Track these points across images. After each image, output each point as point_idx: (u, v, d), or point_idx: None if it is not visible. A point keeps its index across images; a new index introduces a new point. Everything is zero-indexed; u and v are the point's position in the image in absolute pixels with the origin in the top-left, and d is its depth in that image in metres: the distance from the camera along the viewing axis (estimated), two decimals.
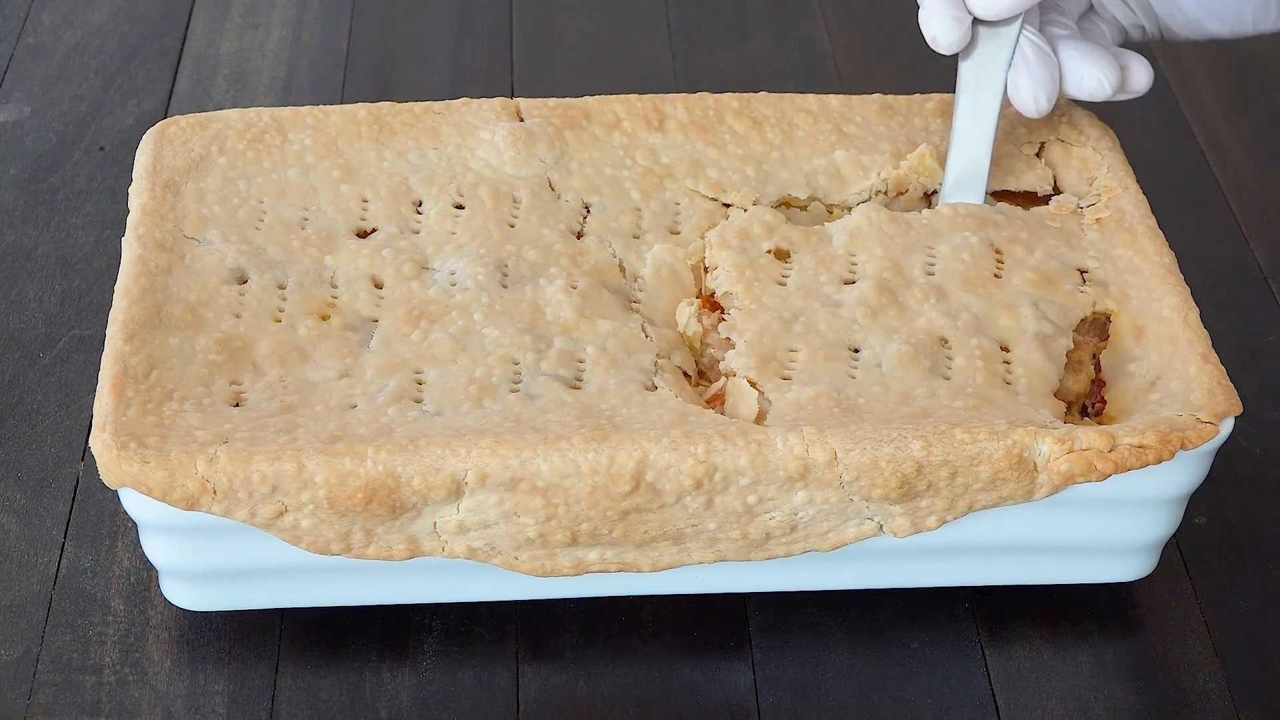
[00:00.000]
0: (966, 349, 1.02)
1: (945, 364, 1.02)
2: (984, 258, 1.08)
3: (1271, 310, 1.26)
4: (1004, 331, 1.04)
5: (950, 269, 1.07)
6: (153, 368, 1.00)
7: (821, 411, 0.98)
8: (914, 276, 1.07)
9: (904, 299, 1.05)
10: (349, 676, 1.02)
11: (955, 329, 1.03)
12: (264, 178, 1.13)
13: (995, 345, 1.03)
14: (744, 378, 1.01)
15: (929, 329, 1.03)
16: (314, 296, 1.05)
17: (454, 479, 0.95)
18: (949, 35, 1.09)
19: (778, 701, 1.01)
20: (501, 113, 1.17)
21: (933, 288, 1.06)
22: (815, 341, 1.03)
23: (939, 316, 1.04)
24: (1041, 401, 1.01)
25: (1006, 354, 1.03)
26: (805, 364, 1.02)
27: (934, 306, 1.05)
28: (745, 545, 0.99)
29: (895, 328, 1.03)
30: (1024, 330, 1.04)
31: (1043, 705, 1.01)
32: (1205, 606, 1.06)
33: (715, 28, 1.54)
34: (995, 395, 1.00)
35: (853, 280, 1.07)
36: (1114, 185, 1.14)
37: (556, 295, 1.05)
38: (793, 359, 1.02)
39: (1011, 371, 1.02)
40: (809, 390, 0.99)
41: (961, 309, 1.05)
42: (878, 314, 1.04)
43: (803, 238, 1.10)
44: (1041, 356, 1.03)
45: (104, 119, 1.42)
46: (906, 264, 1.07)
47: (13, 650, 1.02)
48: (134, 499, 0.97)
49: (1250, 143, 1.41)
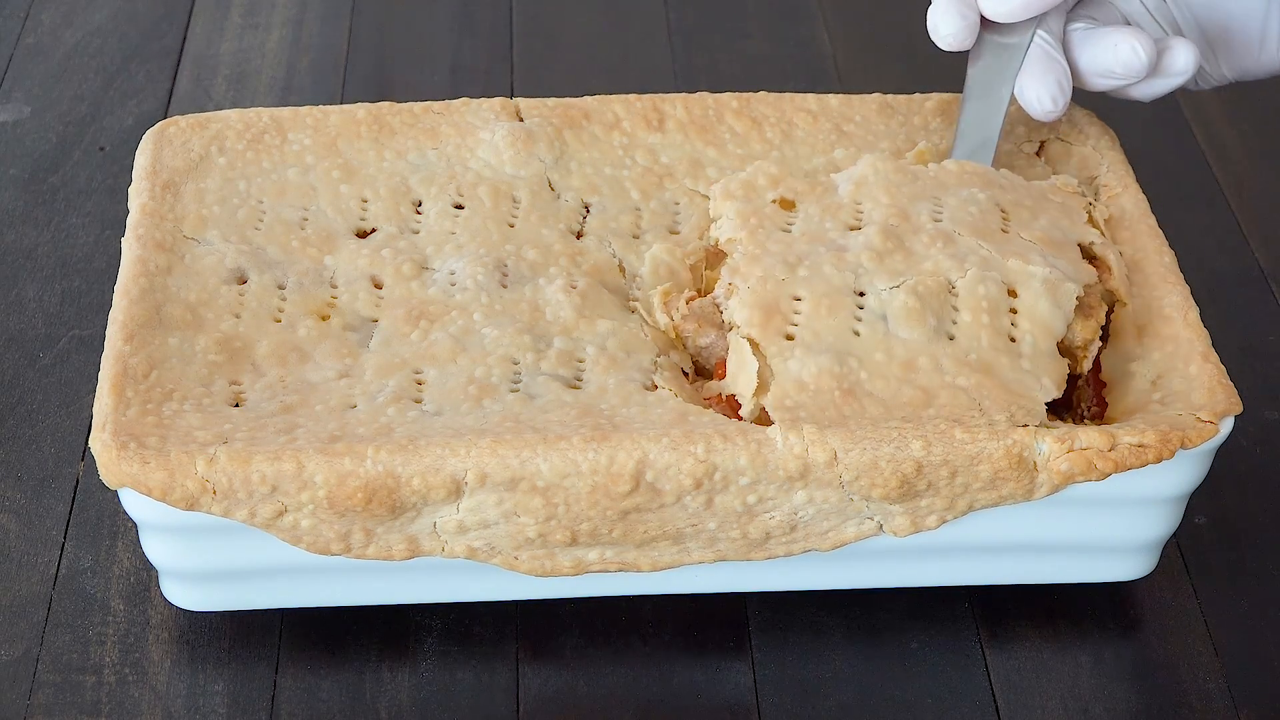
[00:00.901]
0: (974, 298, 1.01)
1: (951, 318, 1.01)
2: (991, 214, 1.07)
3: (1271, 310, 1.26)
4: (1012, 274, 1.03)
5: (958, 218, 1.06)
6: (152, 368, 1.00)
7: (823, 394, 0.98)
8: (921, 223, 1.06)
9: (911, 244, 1.04)
10: (349, 676, 1.02)
11: (962, 270, 1.02)
12: (264, 178, 1.13)
13: (1002, 291, 1.02)
14: (745, 336, 1.01)
15: (935, 272, 1.02)
16: (314, 296, 1.05)
17: (454, 479, 0.95)
18: (949, 26, 1.08)
19: (778, 701, 1.01)
20: (501, 113, 1.17)
21: (940, 233, 1.05)
22: (820, 287, 1.02)
23: (946, 259, 1.03)
24: (1044, 361, 1.00)
25: (1014, 299, 1.02)
26: (809, 317, 1.01)
27: (941, 250, 1.04)
28: (745, 545, 0.99)
29: (902, 270, 1.03)
30: (1032, 275, 1.03)
31: (1043, 705, 1.01)
32: (1205, 606, 1.06)
33: (715, 28, 1.54)
34: (999, 363, 0.99)
35: (859, 227, 1.07)
36: (1114, 185, 1.14)
37: (556, 295, 1.05)
38: (796, 310, 1.01)
39: (1017, 325, 1.01)
40: (811, 365, 0.99)
41: (969, 252, 1.04)
42: (884, 258, 1.03)
43: (808, 188, 1.10)
44: (1049, 304, 1.02)
45: (104, 119, 1.42)
46: (914, 211, 1.06)
47: (13, 650, 1.02)
48: (134, 499, 0.97)
49: (1250, 143, 1.41)
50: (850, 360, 0.99)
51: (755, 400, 0.99)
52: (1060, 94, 1.08)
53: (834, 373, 0.99)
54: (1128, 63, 1.06)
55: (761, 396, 0.98)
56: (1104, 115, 1.20)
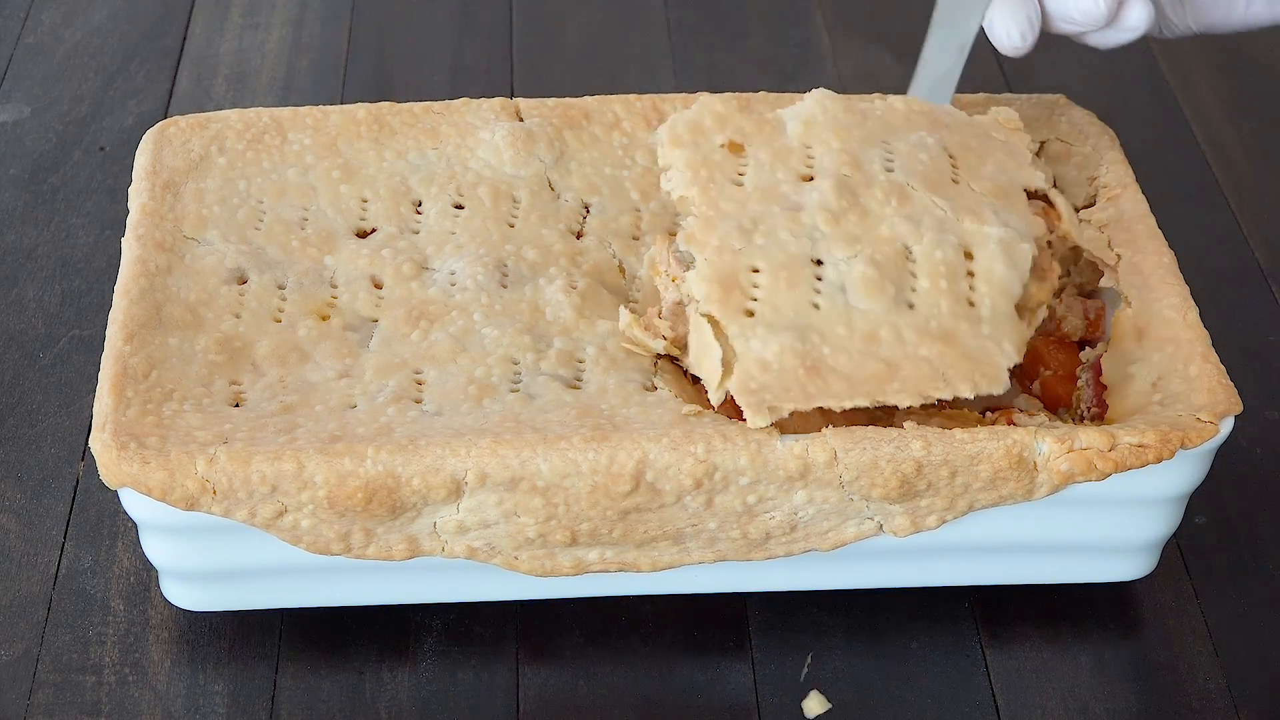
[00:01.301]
0: (931, 263, 1.00)
1: (909, 286, 1.00)
2: (940, 160, 1.06)
3: (1271, 310, 1.26)
4: (968, 235, 1.02)
5: (910, 168, 1.05)
6: (153, 368, 1.00)
7: (786, 373, 0.96)
8: (873, 173, 1.04)
9: (865, 201, 1.03)
10: (349, 676, 1.02)
11: (919, 236, 1.01)
12: (264, 178, 1.13)
13: (959, 254, 1.01)
14: (705, 314, 0.99)
15: (892, 238, 1.01)
16: (314, 296, 1.05)
17: (454, 479, 0.95)
18: None
19: (778, 701, 1.01)
20: (501, 113, 1.17)
21: (894, 187, 1.03)
22: (778, 257, 1.00)
23: (901, 222, 1.02)
24: (1004, 325, 0.99)
25: (970, 262, 1.01)
26: (768, 291, 0.99)
27: (896, 210, 1.02)
28: (745, 545, 0.99)
29: (858, 235, 1.01)
30: (988, 236, 1.02)
31: (1043, 705, 1.01)
32: (1205, 606, 1.06)
33: (715, 28, 1.54)
34: (960, 330, 0.98)
35: (810, 177, 1.05)
36: (1114, 185, 1.14)
37: (556, 295, 1.05)
38: (755, 284, 1.00)
39: (975, 289, 1.00)
40: (773, 343, 0.97)
41: (924, 213, 1.02)
42: (839, 219, 1.02)
43: (755, 128, 1.08)
44: (1004, 266, 1.00)
45: (104, 119, 1.42)
46: (865, 159, 1.05)
47: (13, 650, 1.02)
48: (134, 499, 0.97)
49: (1250, 143, 1.41)
50: (812, 336, 0.98)
51: (721, 387, 0.98)
52: (1030, 30, 1.08)
53: (796, 350, 0.97)
54: (1087, 11, 1.07)
55: (726, 380, 0.97)
56: (1104, 115, 1.20)
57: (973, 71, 1.13)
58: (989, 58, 1.48)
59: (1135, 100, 1.46)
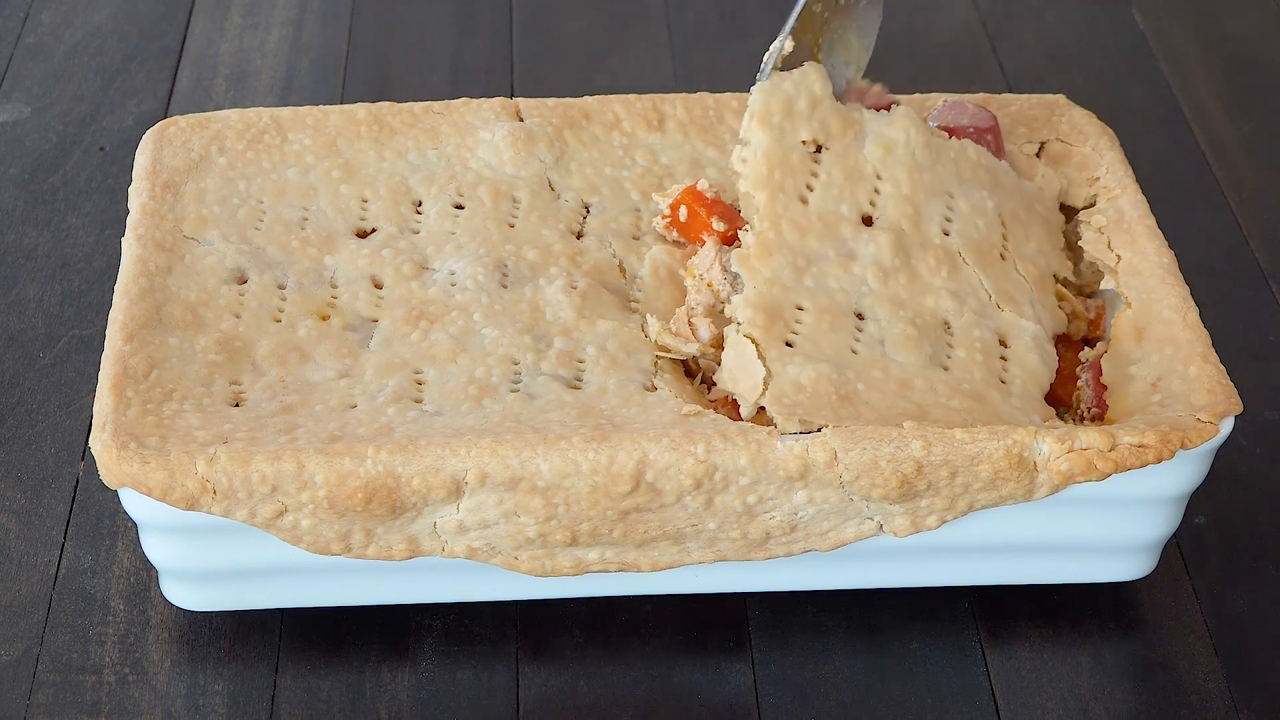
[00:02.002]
0: (968, 339, 1.02)
1: (946, 352, 1.02)
2: (994, 231, 1.08)
3: (1271, 310, 1.26)
4: (1005, 323, 1.04)
5: (965, 233, 1.07)
6: (153, 368, 1.00)
7: (820, 398, 0.98)
8: (930, 235, 1.06)
9: (916, 264, 1.05)
10: (349, 676, 1.02)
11: (960, 313, 1.03)
12: (264, 178, 1.13)
13: (995, 338, 1.03)
14: (747, 335, 1.01)
15: (935, 310, 1.03)
16: (314, 296, 1.05)
17: (454, 479, 0.95)
18: None
19: (778, 701, 1.01)
20: (501, 112, 1.17)
21: (946, 256, 1.05)
22: (823, 302, 1.02)
23: (947, 298, 1.04)
24: (1033, 405, 1.01)
25: (1005, 349, 1.03)
26: (810, 329, 1.01)
27: (944, 283, 1.04)
28: (745, 545, 0.99)
29: (903, 300, 1.03)
30: (1023, 329, 1.04)
31: (1043, 705, 1.01)
32: (1205, 606, 1.06)
33: (715, 28, 1.54)
34: (990, 396, 1.00)
35: (871, 219, 1.07)
36: (1113, 185, 1.14)
37: (556, 295, 1.05)
38: (799, 320, 1.02)
39: (1008, 370, 1.02)
40: (810, 371, 0.99)
41: (969, 291, 1.04)
42: (889, 278, 1.04)
43: (841, 128, 1.09)
44: (1037, 359, 1.03)
45: (104, 119, 1.42)
46: (926, 215, 1.07)
47: (13, 650, 1.02)
48: (134, 499, 0.97)
49: (1250, 143, 1.41)
50: (848, 372, 0.99)
51: (757, 403, 0.99)
52: None
53: (832, 379, 0.99)
54: None
55: (762, 397, 0.98)
56: (1104, 115, 1.20)
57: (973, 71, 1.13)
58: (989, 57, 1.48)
59: (1135, 100, 1.46)
